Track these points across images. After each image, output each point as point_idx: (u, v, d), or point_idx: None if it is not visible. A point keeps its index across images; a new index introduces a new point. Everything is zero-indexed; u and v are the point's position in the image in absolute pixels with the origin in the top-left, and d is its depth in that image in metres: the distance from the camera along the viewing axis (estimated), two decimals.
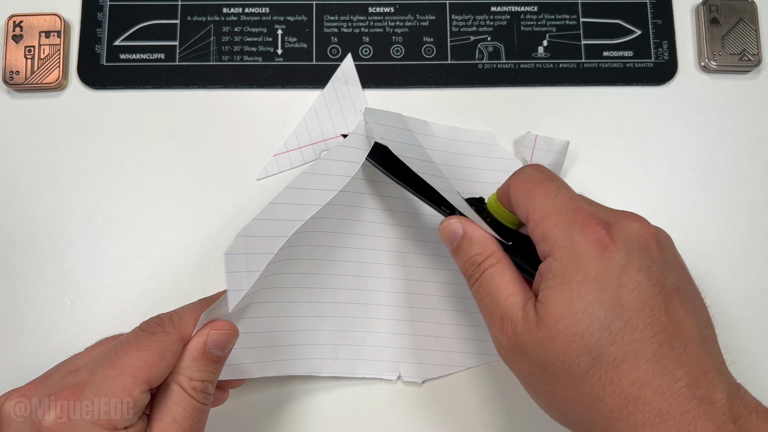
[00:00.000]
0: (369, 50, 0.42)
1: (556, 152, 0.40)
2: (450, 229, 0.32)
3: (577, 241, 0.27)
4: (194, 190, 0.40)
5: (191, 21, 0.42)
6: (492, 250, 0.31)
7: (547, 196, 0.29)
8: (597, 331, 0.26)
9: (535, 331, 0.27)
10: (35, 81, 0.41)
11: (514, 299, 0.29)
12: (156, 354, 0.28)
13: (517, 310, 0.29)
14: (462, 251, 0.32)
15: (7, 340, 0.38)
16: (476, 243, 0.31)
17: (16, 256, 0.39)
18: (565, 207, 0.29)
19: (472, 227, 0.32)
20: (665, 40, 0.43)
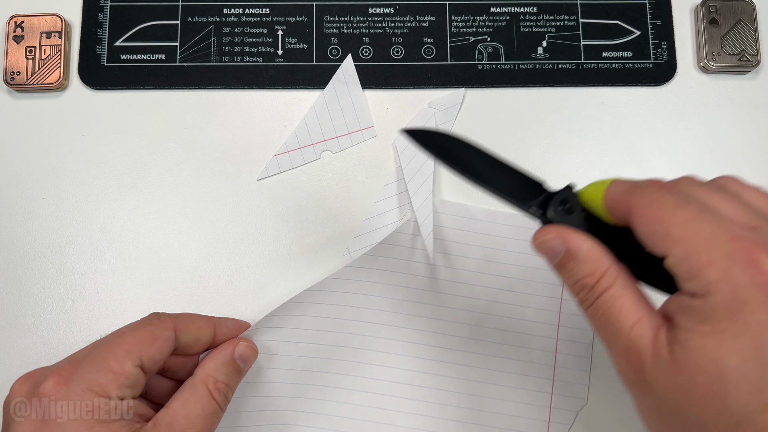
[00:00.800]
0: (369, 51, 0.42)
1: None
2: (547, 246, 0.27)
3: (739, 284, 0.22)
4: (194, 190, 0.41)
5: (192, 22, 0.42)
6: (605, 267, 0.26)
7: (689, 225, 0.23)
8: (746, 394, 0.22)
9: (666, 373, 0.23)
10: (36, 81, 0.41)
11: (640, 329, 0.24)
12: (148, 334, 0.30)
13: (645, 342, 0.24)
14: (567, 271, 0.27)
15: (7, 340, 0.39)
16: (584, 261, 0.26)
17: (17, 256, 0.39)
18: (718, 236, 0.23)
19: (576, 240, 0.26)
20: (664, 41, 0.43)
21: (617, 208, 0.26)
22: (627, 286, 0.26)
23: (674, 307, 0.24)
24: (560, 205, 0.28)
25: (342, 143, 0.41)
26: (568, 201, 0.28)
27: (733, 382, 0.22)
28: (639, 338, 0.24)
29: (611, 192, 0.27)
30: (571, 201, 0.28)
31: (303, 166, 0.41)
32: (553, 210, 0.28)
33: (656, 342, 0.24)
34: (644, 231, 0.25)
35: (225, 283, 0.39)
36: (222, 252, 0.40)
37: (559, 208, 0.28)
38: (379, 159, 0.41)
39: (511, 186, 0.29)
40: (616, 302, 0.25)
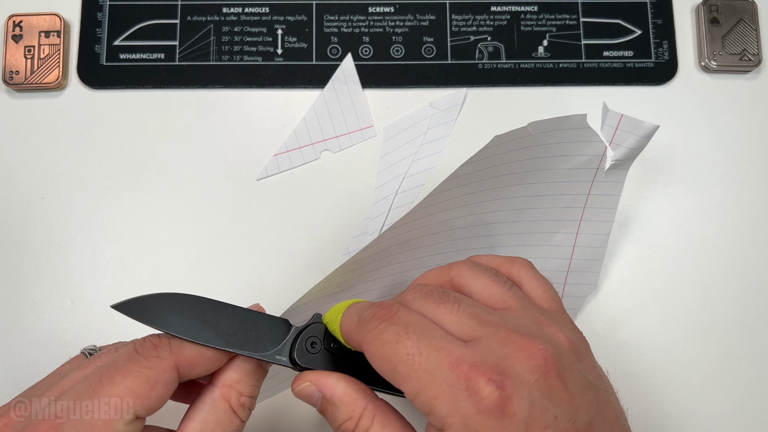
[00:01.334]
0: (369, 50, 0.42)
1: (640, 136, 0.34)
2: (305, 393, 0.27)
3: (467, 416, 0.23)
4: (194, 190, 0.40)
5: (191, 21, 0.42)
6: (361, 408, 0.26)
7: (411, 361, 0.24)
8: None
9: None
10: (35, 81, 0.41)
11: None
12: (144, 382, 0.25)
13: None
14: (329, 416, 0.27)
15: (7, 340, 0.38)
16: (341, 406, 0.26)
17: (16, 256, 0.39)
18: (438, 367, 0.23)
19: (329, 384, 0.27)
20: (665, 40, 0.43)
21: (353, 345, 0.26)
22: (386, 424, 0.26)
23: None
24: (308, 346, 0.28)
25: (342, 143, 0.41)
26: (314, 339, 0.28)
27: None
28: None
29: (344, 329, 0.27)
30: (318, 337, 0.28)
31: (303, 165, 0.41)
32: (297, 355, 0.28)
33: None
34: (378, 369, 0.25)
35: (225, 283, 0.39)
36: (222, 252, 0.40)
37: (307, 352, 0.28)
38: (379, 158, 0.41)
39: (248, 334, 0.27)
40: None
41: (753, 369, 0.39)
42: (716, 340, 0.39)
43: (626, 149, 0.34)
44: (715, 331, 0.39)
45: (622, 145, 0.34)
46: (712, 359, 0.39)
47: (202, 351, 0.27)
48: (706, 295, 0.40)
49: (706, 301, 0.40)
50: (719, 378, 0.39)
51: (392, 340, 0.24)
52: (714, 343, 0.39)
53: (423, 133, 0.41)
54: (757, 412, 0.38)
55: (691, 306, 0.40)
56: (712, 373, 0.39)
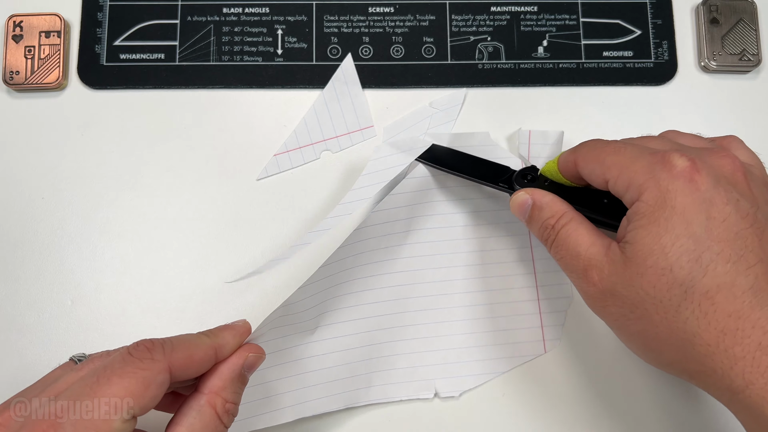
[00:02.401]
0: (369, 50, 0.42)
1: (552, 144, 0.40)
2: (519, 201, 0.33)
3: (661, 179, 0.27)
4: (194, 190, 0.40)
5: (191, 21, 0.42)
6: (563, 210, 0.32)
7: (617, 153, 0.29)
8: (687, 263, 0.26)
9: (622, 271, 0.28)
10: (35, 81, 0.41)
11: (595, 248, 0.29)
12: (140, 383, 0.26)
13: (600, 257, 0.29)
14: (535, 219, 0.33)
15: (7, 340, 0.38)
16: (546, 207, 0.32)
17: (16, 256, 0.39)
18: (639, 154, 0.29)
19: (540, 194, 0.33)
20: (665, 40, 0.43)
21: (567, 165, 0.32)
22: (581, 222, 0.31)
23: (623, 225, 0.29)
24: (522, 177, 0.35)
25: (342, 143, 0.41)
26: (530, 174, 0.35)
27: (674, 255, 0.26)
28: (595, 255, 0.29)
29: (562, 156, 0.33)
30: (533, 174, 0.35)
31: (303, 165, 0.41)
32: (516, 181, 0.35)
33: (609, 253, 0.29)
34: (587, 171, 0.31)
35: (225, 282, 0.39)
36: (222, 252, 0.40)
37: (522, 179, 0.35)
38: None
39: (486, 172, 0.37)
40: (573, 233, 0.31)
41: None
42: None
43: (545, 159, 0.38)
44: None
45: (542, 157, 0.39)
46: None
47: (191, 353, 0.28)
48: None
49: None
50: None
51: (603, 144, 0.31)
52: None
53: (423, 134, 0.41)
54: None
55: None
56: None
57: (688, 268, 0.26)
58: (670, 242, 0.27)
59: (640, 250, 0.27)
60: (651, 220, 0.27)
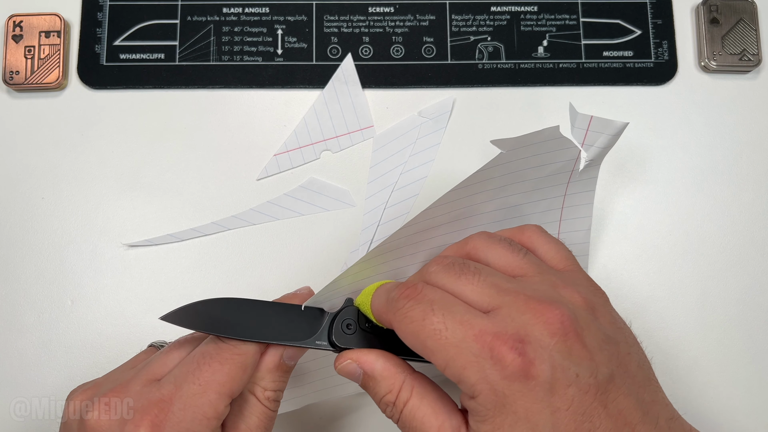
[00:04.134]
0: (369, 50, 0.42)
1: (610, 135, 0.35)
2: (347, 371, 0.29)
3: (494, 382, 0.24)
4: (194, 190, 0.40)
5: (191, 21, 0.42)
6: (400, 381, 0.28)
7: (438, 337, 0.26)
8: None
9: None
10: (35, 81, 0.41)
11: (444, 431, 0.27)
12: (239, 367, 0.28)
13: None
14: (370, 391, 0.29)
15: (7, 340, 0.38)
16: (380, 380, 0.28)
17: (16, 256, 0.39)
18: (462, 340, 0.25)
19: (369, 361, 0.29)
20: (665, 40, 0.43)
21: (385, 324, 0.28)
22: (424, 395, 0.27)
23: (464, 405, 0.26)
24: (344, 328, 0.30)
25: (342, 143, 0.41)
26: (349, 321, 0.30)
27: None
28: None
29: (375, 310, 0.29)
30: (352, 319, 0.30)
31: (303, 165, 0.41)
32: (336, 338, 0.30)
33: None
34: (409, 345, 0.27)
35: (225, 283, 0.39)
36: (222, 252, 0.40)
37: (344, 334, 0.30)
38: None
39: (290, 326, 0.30)
40: (417, 414, 0.27)
41: (753, 369, 0.39)
42: (716, 340, 0.39)
43: (598, 149, 0.34)
44: (715, 331, 0.39)
45: (594, 146, 0.34)
46: (712, 359, 0.39)
47: None
48: (706, 295, 0.40)
49: (706, 301, 0.40)
50: (719, 377, 0.39)
51: (419, 317, 0.26)
52: (714, 343, 0.39)
53: (412, 143, 0.41)
54: (758, 412, 0.38)
55: (691, 306, 0.40)
56: (712, 372, 0.39)
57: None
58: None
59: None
60: (495, 426, 0.25)
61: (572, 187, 0.36)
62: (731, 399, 0.39)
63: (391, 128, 0.41)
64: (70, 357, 0.38)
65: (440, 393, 0.28)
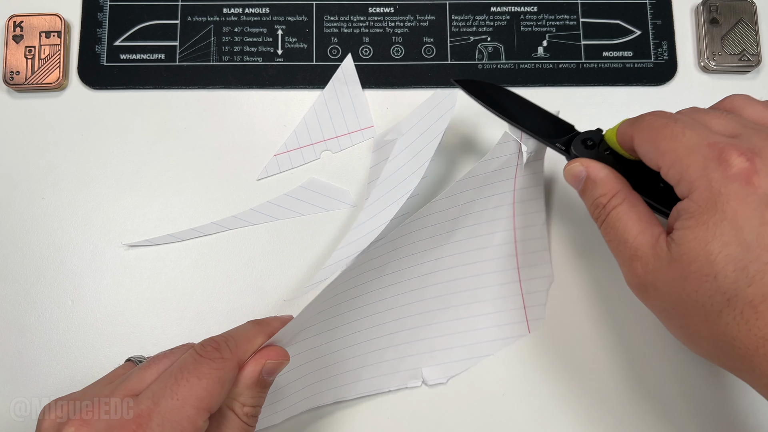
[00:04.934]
0: (369, 50, 0.42)
1: None
2: (573, 172, 0.32)
3: (714, 179, 0.26)
4: (194, 190, 0.41)
5: (191, 21, 0.42)
6: (616, 189, 0.30)
7: (673, 139, 0.28)
8: (732, 272, 0.25)
9: (666, 270, 0.27)
10: (35, 81, 0.41)
11: (643, 238, 0.29)
12: (216, 382, 0.28)
13: (646, 249, 0.28)
14: (587, 193, 0.32)
15: (7, 340, 0.38)
16: (600, 184, 0.31)
17: (16, 256, 0.39)
18: (697, 144, 0.27)
19: (595, 168, 0.32)
20: (665, 41, 0.43)
21: (624, 138, 0.31)
22: (634, 204, 0.30)
23: (673, 217, 0.28)
24: (583, 143, 0.33)
25: (342, 143, 0.41)
26: (591, 140, 0.33)
27: (720, 263, 0.25)
28: (641, 245, 0.28)
29: (621, 127, 0.31)
30: (594, 140, 0.33)
31: (303, 165, 0.41)
32: (574, 146, 0.33)
33: (656, 247, 0.28)
34: (641, 152, 0.29)
35: (225, 283, 0.39)
36: (222, 252, 0.40)
37: (582, 145, 0.33)
38: None
39: (542, 126, 0.35)
40: (623, 217, 0.29)
41: None
42: None
43: (536, 141, 0.36)
44: None
45: (532, 138, 0.36)
46: None
47: (252, 346, 0.30)
48: None
49: None
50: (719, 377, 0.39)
51: (661, 125, 0.28)
52: None
53: (413, 143, 0.41)
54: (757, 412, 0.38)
55: None
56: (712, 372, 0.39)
57: (733, 277, 0.25)
58: (716, 249, 0.26)
59: (685, 253, 0.26)
60: (699, 222, 0.26)
61: (520, 181, 0.38)
62: (732, 398, 0.39)
63: (392, 128, 0.41)
64: (70, 357, 0.38)
65: (648, 210, 0.30)
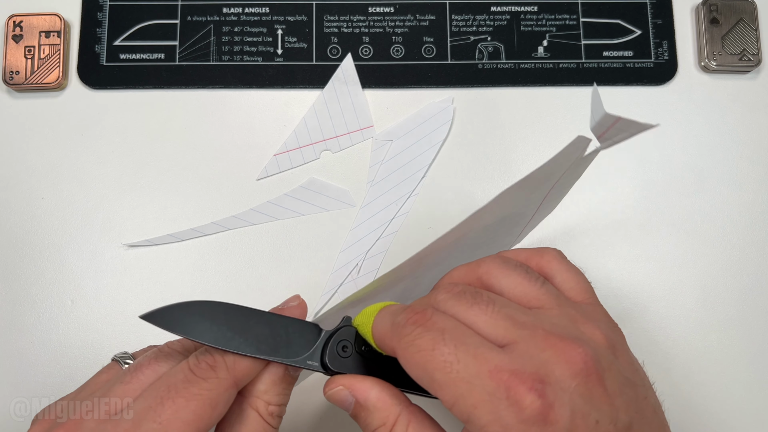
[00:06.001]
0: (369, 50, 0.42)
1: (630, 134, 0.30)
2: (337, 398, 0.27)
3: (508, 425, 0.22)
4: (194, 189, 0.40)
5: (191, 21, 0.42)
6: (396, 415, 0.26)
7: (448, 371, 0.23)
8: None
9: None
10: (35, 81, 0.41)
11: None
12: (207, 404, 0.25)
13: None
14: (361, 421, 0.26)
15: (7, 340, 0.38)
16: (374, 411, 0.26)
17: (16, 256, 0.39)
18: (477, 375, 0.23)
19: (362, 390, 0.26)
20: (665, 40, 0.43)
21: (386, 350, 0.26)
22: (421, 425, 0.25)
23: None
24: (339, 350, 0.27)
25: (342, 143, 0.41)
26: (345, 342, 0.27)
27: None
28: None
29: (377, 334, 0.26)
30: (349, 340, 0.27)
31: (303, 165, 0.41)
32: (329, 360, 0.27)
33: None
34: (413, 376, 0.24)
35: (225, 283, 0.39)
36: (222, 252, 0.40)
37: (338, 355, 0.27)
38: None
39: (278, 341, 0.27)
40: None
41: (753, 369, 0.39)
42: (716, 340, 0.39)
43: (611, 145, 0.31)
44: (715, 331, 0.39)
45: (610, 141, 0.31)
46: (712, 359, 0.39)
47: (253, 362, 0.26)
48: (706, 295, 0.40)
49: (706, 301, 0.40)
50: (719, 377, 0.39)
51: (428, 346, 0.24)
52: (714, 342, 0.39)
53: (413, 143, 0.41)
54: (758, 411, 0.38)
55: (691, 306, 0.40)
56: (712, 372, 0.39)
57: None
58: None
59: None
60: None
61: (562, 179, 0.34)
62: (731, 399, 0.39)
63: (392, 128, 0.41)
64: (70, 357, 0.38)
65: (438, 429, 0.26)
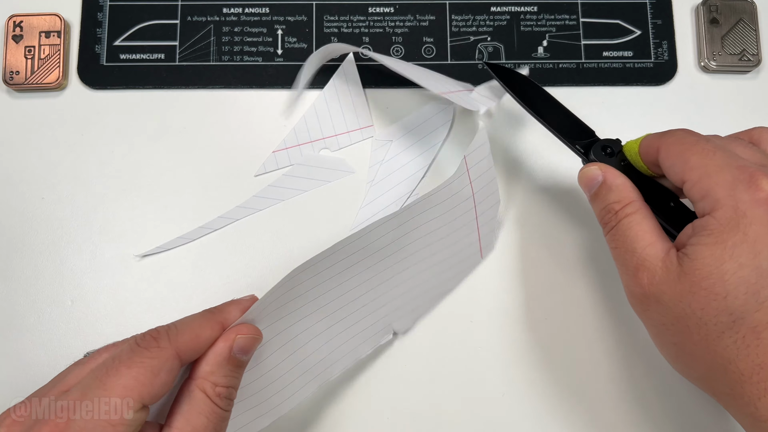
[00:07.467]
0: (369, 50, 0.42)
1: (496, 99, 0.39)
2: (590, 175, 0.32)
3: (740, 200, 0.26)
4: (194, 189, 0.40)
5: (191, 21, 0.42)
6: (631, 198, 0.30)
7: (705, 156, 0.28)
8: (743, 294, 0.25)
9: (674, 283, 0.27)
10: (35, 81, 0.41)
11: (652, 249, 0.29)
12: (148, 371, 0.26)
13: (655, 261, 0.28)
14: (600, 198, 0.31)
15: (7, 340, 0.38)
16: (615, 190, 0.31)
17: (16, 256, 0.39)
18: (727, 165, 0.27)
19: (612, 174, 0.32)
20: (665, 40, 0.43)
21: (649, 150, 0.31)
22: (646, 216, 0.30)
23: (686, 234, 0.28)
24: (602, 149, 0.34)
25: (341, 141, 0.41)
26: (610, 148, 0.34)
27: (732, 284, 0.26)
28: (650, 256, 0.28)
29: (645, 139, 0.32)
30: (614, 149, 0.34)
31: None
32: (594, 151, 0.34)
33: (666, 259, 0.28)
34: (667, 165, 0.29)
35: (225, 282, 0.39)
36: (222, 251, 0.40)
37: (601, 151, 0.34)
38: None
39: (563, 125, 0.35)
40: (634, 227, 0.29)
41: None
42: None
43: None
44: None
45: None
46: None
47: (197, 334, 0.28)
48: None
49: None
50: None
51: (692, 141, 0.29)
52: None
53: (413, 143, 0.41)
54: None
55: None
56: None
57: (743, 300, 0.25)
58: (731, 270, 0.26)
59: (698, 268, 0.26)
60: (718, 240, 0.26)
61: (470, 158, 0.37)
62: None
63: (392, 128, 0.41)
64: (70, 357, 0.38)
65: (658, 225, 0.30)
